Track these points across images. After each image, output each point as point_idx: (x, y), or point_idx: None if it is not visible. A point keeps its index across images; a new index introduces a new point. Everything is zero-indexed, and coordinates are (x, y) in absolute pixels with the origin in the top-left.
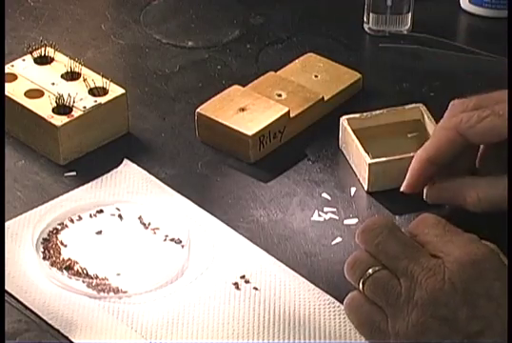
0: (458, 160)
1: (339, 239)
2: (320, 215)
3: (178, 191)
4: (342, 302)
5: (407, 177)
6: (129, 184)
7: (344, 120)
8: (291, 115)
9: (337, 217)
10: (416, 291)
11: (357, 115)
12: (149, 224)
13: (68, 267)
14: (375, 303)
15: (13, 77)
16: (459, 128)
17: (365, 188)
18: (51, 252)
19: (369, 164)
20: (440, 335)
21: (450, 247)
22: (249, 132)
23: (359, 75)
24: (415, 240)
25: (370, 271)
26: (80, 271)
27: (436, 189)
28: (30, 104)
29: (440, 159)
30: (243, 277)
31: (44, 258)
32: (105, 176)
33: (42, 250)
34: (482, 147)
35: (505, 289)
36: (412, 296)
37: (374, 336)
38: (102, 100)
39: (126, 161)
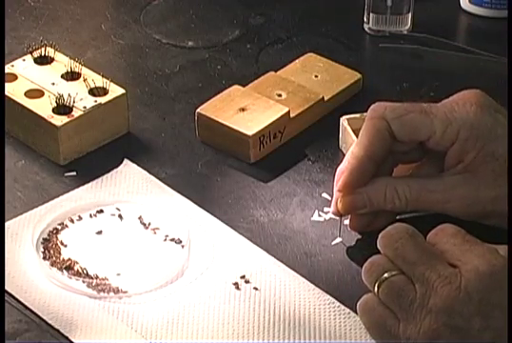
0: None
1: (339, 239)
2: (320, 215)
3: (178, 191)
4: (342, 302)
5: (345, 175)
6: (129, 184)
7: (344, 120)
8: (291, 115)
9: (337, 217)
10: (431, 297)
11: (357, 115)
12: (149, 224)
13: (69, 267)
14: (388, 307)
15: (13, 77)
16: (384, 115)
17: None
18: (51, 252)
19: None
20: None
21: (468, 256)
22: (249, 132)
23: (359, 75)
24: (435, 249)
25: (386, 274)
26: (80, 271)
27: (350, 196)
28: (30, 104)
29: (373, 151)
30: (243, 277)
31: (44, 258)
32: (105, 176)
33: (42, 250)
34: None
35: None
36: (426, 303)
37: (384, 340)
38: (102, 100)
39: (126, 161)
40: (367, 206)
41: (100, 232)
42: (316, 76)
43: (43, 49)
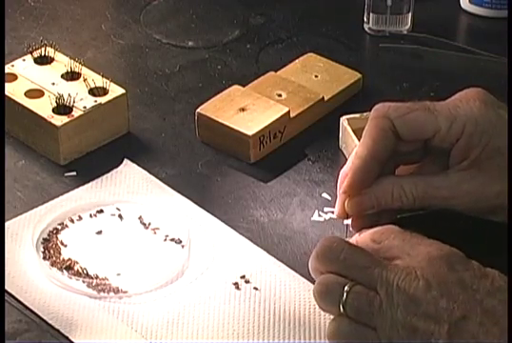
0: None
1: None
2: (320, 215)
3: (178, 191)
4: None
5: (350, 176)
6: (129, 184)
7: (344, 120)
8: (291, 115)
9: (340, 219)
10: (394, 294)
11: (357, 115)
12: (150, 224)
13: (69, 267)
14: (360, 321)
15: (13, 77)
16: (387, 114)
17: None
18: (51, 251)
19: None
20: (429, 331)
21: (417, 248)
22: (249, 132)
23: (359, 75)
24: (381, 246)
25: (346, 289)
26: (80, 271)
27: (357, 197)
28: (31, 104)
29: (378, 150)
30: (243, 277)
31: (44, 258)
32: (105, 176)
33: (42, 250)
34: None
35: (476, 277)
36: (392, 300)
37: None
38: (102, 100)
39: (126, 161)
40: (375, 206)
41: (100, 232)
42: (316, 76)
43: (43, 49)
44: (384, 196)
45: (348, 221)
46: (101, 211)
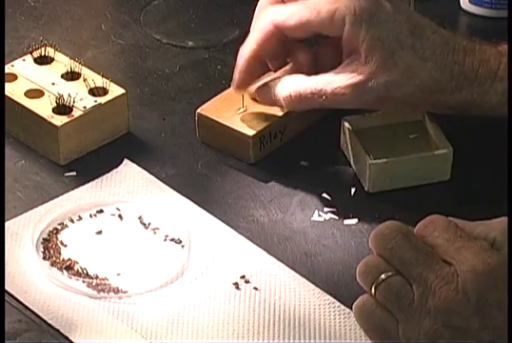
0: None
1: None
2: (320, 215)
3: (178, 191)
4: (342, 302)
5: (236, 76)
6: (129, 184)
7: (344, 120)
8: (291, 115)
9: (337, 217)
10: (429, 298)
11: (358, 115)
12: (149, 224)
13: (69, 267)
14: (386, 309)
15: (13, 77)
16: (274, 21)
17: (366, 188)
18: (51, 252)
19: (370, 164)
20: None
21: (463, 254)
22: (250, 133)
23: None
24: (424, 241)
25: (383, 276)
26: (80, 271)
27: (261, 89)
28: (30, 104)
29: (260, 53)
30: (243, 277)
31: (44, 258)
32: (105, 176)
33: (42, 250)
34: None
35: None
36: (425, 304)
37: (384, 341)
38: (102, 100)
39: (126, 161)
40: (271, 103)
41: (100, 232)
42: None
43: (43, 49)
44: (276, 99)
45: (349, 221)
46: (101, 211)
